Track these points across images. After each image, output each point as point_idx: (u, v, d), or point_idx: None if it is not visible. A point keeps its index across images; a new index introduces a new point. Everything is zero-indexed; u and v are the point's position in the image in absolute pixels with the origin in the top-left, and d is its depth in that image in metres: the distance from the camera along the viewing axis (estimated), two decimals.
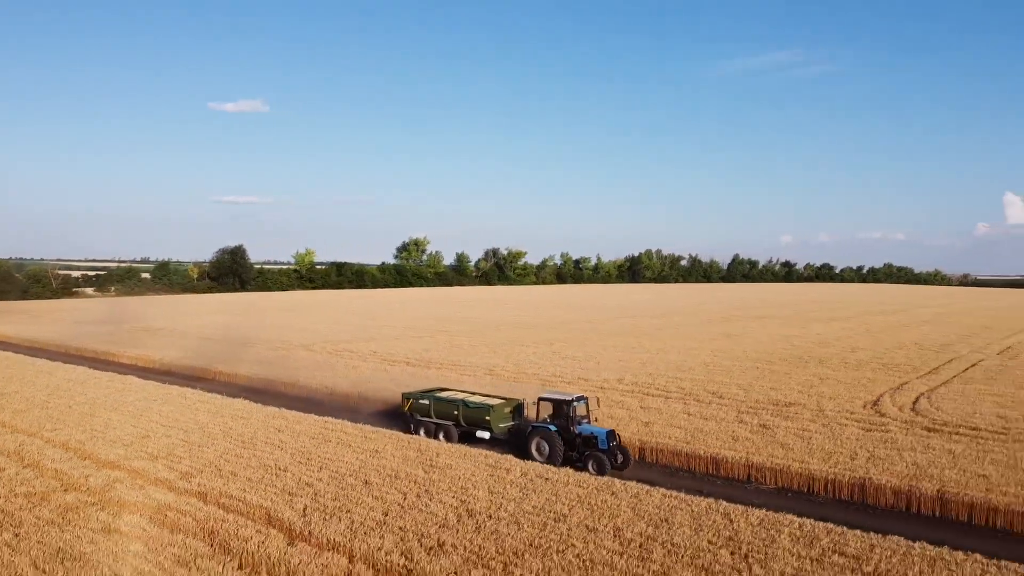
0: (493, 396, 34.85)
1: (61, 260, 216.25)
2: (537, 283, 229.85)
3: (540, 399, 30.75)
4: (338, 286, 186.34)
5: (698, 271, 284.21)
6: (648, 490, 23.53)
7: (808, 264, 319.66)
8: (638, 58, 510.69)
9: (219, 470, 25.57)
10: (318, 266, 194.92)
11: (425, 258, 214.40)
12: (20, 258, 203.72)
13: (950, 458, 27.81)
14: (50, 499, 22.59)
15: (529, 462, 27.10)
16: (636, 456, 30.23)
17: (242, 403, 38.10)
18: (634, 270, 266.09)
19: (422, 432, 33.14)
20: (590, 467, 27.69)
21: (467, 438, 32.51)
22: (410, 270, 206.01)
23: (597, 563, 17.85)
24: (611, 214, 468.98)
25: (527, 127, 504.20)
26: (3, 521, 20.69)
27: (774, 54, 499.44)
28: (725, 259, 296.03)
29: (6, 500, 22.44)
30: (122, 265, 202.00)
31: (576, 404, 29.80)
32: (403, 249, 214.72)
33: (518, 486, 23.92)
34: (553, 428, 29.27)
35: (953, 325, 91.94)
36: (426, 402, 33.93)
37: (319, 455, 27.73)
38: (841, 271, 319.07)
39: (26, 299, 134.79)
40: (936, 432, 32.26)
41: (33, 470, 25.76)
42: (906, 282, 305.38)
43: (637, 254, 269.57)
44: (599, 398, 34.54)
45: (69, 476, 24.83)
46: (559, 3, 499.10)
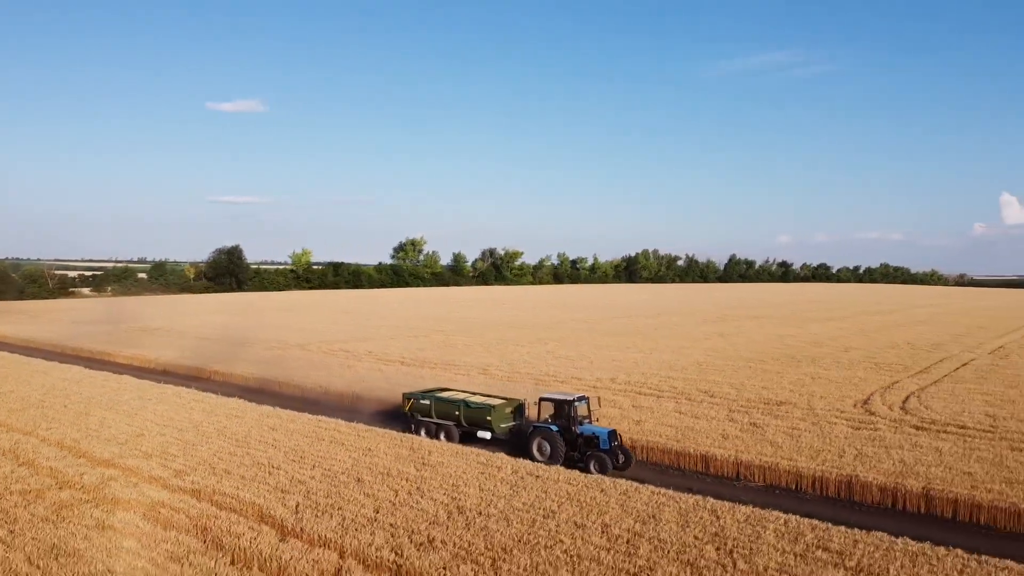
0: (494, 396, 34.78)
1: (58, 260, 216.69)
2: (534, 283, 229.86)
3: (541, 399, 30.64)
4: (335, 286, 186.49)
5: (695, 271, 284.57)
6: (637, 487, 23.75)
7: (805, 264, 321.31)
8: (637, 58, 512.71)
9: (212, 468, 25.78)
10: (315, 266, 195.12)
11: (422, 258, 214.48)
12: (17, 258, 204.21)
13: (937, 456, 28.12)
14: (45, 496, 22.81)
15: (520, 460, 27.16)
16: None
17: (236, 402, 38.23)
18: (631, 270, 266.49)
19: (423, 432, 33.01)
20: (592, 467, 27.57)
21: (468, 438, 32.44)
22: (407, 270, 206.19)
23: (584, 558, 18.10)
24: (608, 214, 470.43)
25: (525, 127, 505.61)
26: None
27: (773, 54, 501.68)
28: (722, 259, 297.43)
29: (1, 497, 22.66)
30: (119, 265, 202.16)
31: (577, 404, 29.78)
32: (400, 249, 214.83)
33: (508, 483, 24.15)
34: (555, 428, 29.24)
35: (948, 325, 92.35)
36: (427, 402, 33.86)
37: (312, 453, 27.94)
38: (838, 271, 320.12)
39: (23, 299, 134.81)
40: (924, 430, 32.57)
41: (28, 468, 25.96)
42: (903, 282, 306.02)
43: (634, 254, 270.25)
44: (600, 398, 34.40)
45: (64, 474, 25.04)
46: (559, 3, 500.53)
